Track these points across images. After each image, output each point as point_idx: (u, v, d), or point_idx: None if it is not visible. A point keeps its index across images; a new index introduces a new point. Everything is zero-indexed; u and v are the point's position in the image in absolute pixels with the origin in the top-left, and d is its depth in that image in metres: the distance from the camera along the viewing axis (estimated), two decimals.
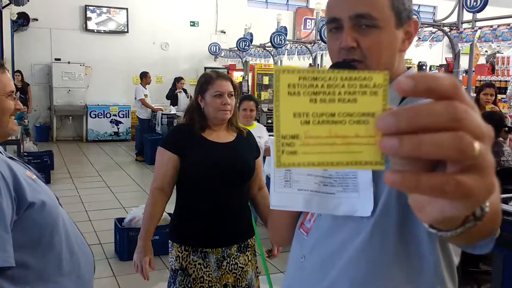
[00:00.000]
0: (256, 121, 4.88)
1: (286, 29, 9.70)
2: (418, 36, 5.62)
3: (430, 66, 11.72)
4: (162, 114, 9.26)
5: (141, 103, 9.23)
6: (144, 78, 9.33)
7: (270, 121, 7.99)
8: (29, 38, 11.30)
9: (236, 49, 10.57)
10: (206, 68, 11.97)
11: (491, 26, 5.43)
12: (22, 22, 10.82)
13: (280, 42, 9.00)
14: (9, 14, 9.49)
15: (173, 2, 12.61)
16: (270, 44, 9.19)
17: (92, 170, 8.40)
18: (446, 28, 5.80)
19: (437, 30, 5.91)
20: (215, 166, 2.18)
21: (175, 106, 9.86)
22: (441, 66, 11.00)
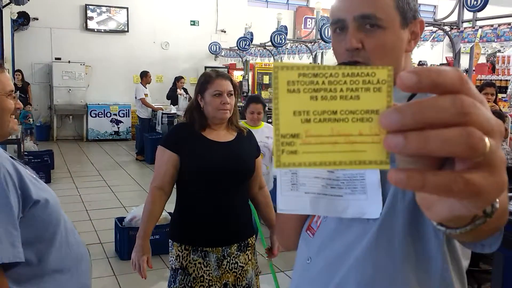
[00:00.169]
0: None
1: (286, 28, 9.71)
2: None
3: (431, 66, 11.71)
4: (163, 114, 9.26)
5: (141, 103, 9.23)
6: (144, 77, 9.33)
7: (270, 120, 7.99)
8: (29, 37, 11.31)
9: (236, 48, 10.58)
10: (206, 67, 11.97)
11: (492, 26, 5.43)
12: (23, 21, 10.82)
13: (280, 41, 9.01)
14: (9, 14, 9.49)
15: (173, 2, 12.61)
16: (270, 43, 9.20)
17: (92, 169, 8.41)
18: (446, 27, 5.80)
19: (437, 29, 5.91)
20: (215, 165, 2.18)
21: (175, 105, 9.86)
22: (441, 65, 10.99)
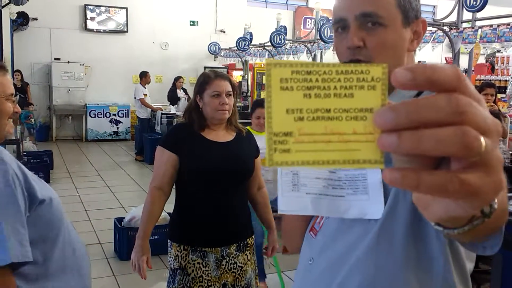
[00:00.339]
0: None
1: (285, 28, 9.70)
2: None
3: None
4: (162, 114, 9.26)
5: (140, 103, 9.23)
6: (144, 77, 9.33)
7: None
8: (28, 37, 11.31)
9: (235, 48, 10.57)
10: (205, 67, 11.97)
11: (491, 26, 5.43)
12: (22, 21, 10.82)
13: (279, 41, 9.01)
14: (8, 14, 9.48)
15: (172, 2, 12.61)
16: (269, 43, 9.19)
17: (91, 169, 8.40)
18: (446, 27, 5.80)
19: (437, 29, 5.91)
20: (214, 165, 2.18)
21: (175, 105, 9.86)
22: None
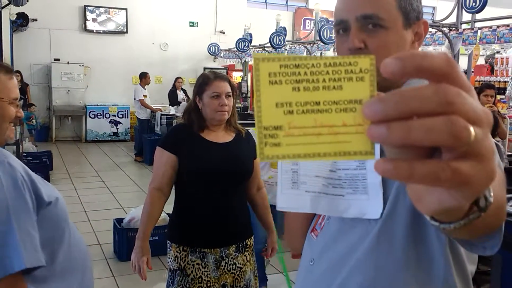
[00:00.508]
0: None
1: (285, 29, 9.71)
2: None
3: None
4: (161, 115, 9.26)
5: (140, 104, 9.23)
6: (143, 78, 9.33)
7: None
8: (28, 38, 11.31)
9: (235, 49, 10.57)
10: (205, 68, 11.98)
11: (491, 27, 5.43)
12: (21, 22, 10.82)
13: (279, 42, 9.01)
14: (8, 14, 9.48)
15: (172, 3, 12.62)
16: (269, 44, 9.19)
17: (91, 170, 8.40)
18: (445, 28, 5.80)
19: (436, 30, 5.91)
20: (213, 166, 2.18)
21: (174, 106, 9.86)
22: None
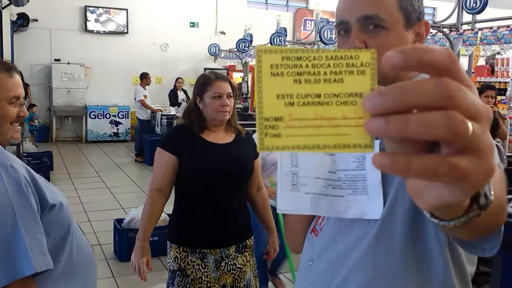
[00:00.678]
0: None
1: (285, 30, 9.72)
2: None
3: None
4: (162, 115, 9.26)
5: (140, 104, 9.23)
6: (144, 79, 9.34)
7: None
8: (28, 38, 11.31)
9: (235, 50, 10.59)
10: (205, 69, 11.98)
11: (491, 28, 5.44)
12: (22, 22, 10.82)
13: (280, 43, 9.02)
14: (9, 15, 9.49)
15: (173, 3, 12.62)
16: (269, 45, 9.20)
17: (91, 170, 8.40)
18: (446, 29, 5.80)
19: (437, 31, 5.91)
20: (213, 167, 2.17)
21: (175, 106, 9.86)
22: None
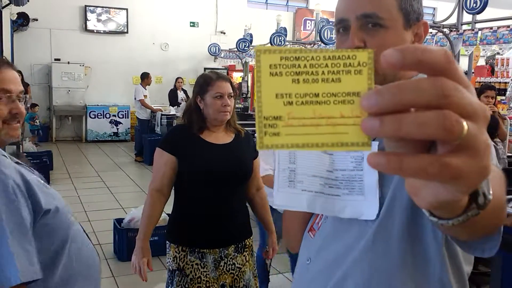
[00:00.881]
0: None
1: (286, 30, 9.71)
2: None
3: None
4: (162, 115, 9.26)
5: (140, 104, 9.23)
6: (145, 79, 9.33)
7: None
8: (28, 38, 11.31)
9: (236, 50, 10.58)
10: (205, 68, 11.99)
11: (491, 28, 5.44)
12: (22, 22, 10.82)
13: (280, 43, 9.01)
14: (9, 14, 9.48)
15: (173, 3, 12.62)
16: (270, 45, 9.20)
17: (91, 170, 8.40)
18: (445, 29, 5.80)
19: (437, 31, 5.91)
20: (213, 167, 2.17)
21: (175, 106, 9.86)
22: None
